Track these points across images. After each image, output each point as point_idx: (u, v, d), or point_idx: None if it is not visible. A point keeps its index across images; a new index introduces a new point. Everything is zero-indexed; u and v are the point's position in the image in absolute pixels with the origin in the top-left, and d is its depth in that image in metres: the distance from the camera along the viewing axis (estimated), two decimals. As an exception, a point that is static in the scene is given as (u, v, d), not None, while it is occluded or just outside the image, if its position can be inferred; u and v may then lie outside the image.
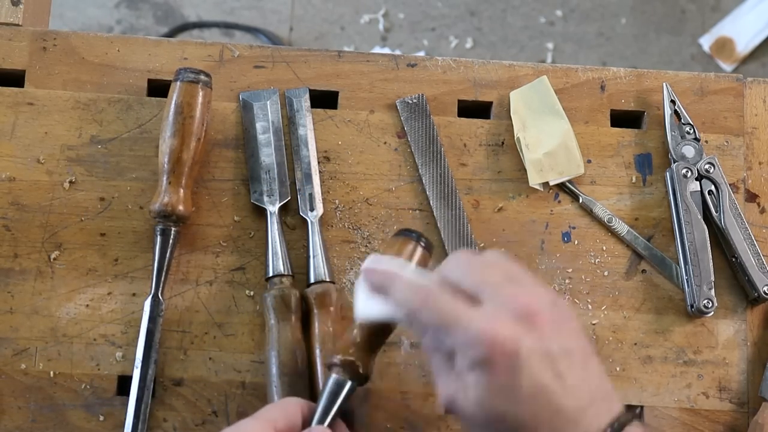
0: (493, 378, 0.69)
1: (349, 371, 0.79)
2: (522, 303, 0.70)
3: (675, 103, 0.95)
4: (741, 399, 0.91)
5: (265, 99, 0.96)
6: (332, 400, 0.78)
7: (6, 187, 0.93)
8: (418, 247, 0.82)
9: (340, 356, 0.79)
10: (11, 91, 0.95)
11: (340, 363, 0.79)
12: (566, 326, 0.72)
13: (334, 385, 0.78)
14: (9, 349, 0.90)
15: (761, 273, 0.91)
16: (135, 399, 0.87)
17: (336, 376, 0.79)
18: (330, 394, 0.78)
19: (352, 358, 0.79)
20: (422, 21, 2.16)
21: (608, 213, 0.94)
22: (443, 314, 0.71)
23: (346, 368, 0.79)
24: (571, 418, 0.69)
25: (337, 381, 0.78)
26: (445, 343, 0.72)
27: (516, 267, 0.74)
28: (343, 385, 0.78)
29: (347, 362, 0.78)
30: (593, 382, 0.71)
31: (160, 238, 0.90)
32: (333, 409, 0.78)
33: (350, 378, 0.79)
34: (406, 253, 0.82)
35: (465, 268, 0.74)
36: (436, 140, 0.96)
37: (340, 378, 0.78)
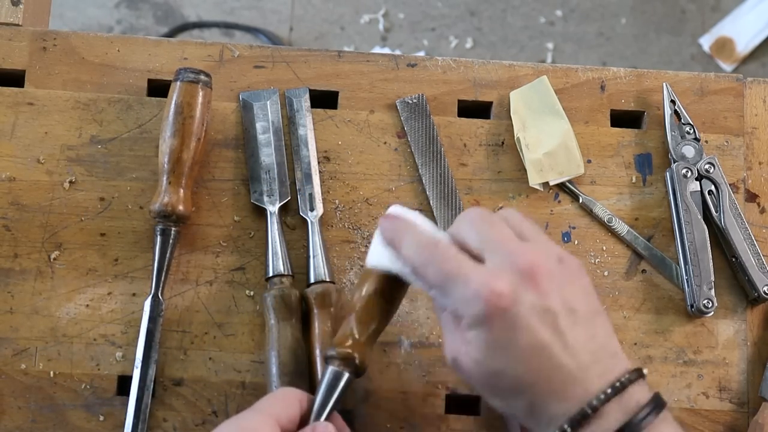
0: (491, 335, 0.69)
1: (347, 363, 0.79)
2: (525, 260, 0.70)
3: (675, 103, 0.96)
4: (741, 399, 0.91)
5: (265, 99, 0.96)
6: (330, 393, 0.78)
7: (6, 187, 0.93)
8: None
9: (337, 348, 0.79)
10: (11, 91, 0.95)
11: (338, 355, 0.79)
12: (572, 283, 0.71)
13: (331, 377, 0.78)
14: (9, 349, 0.90)
15: (761, 273, 0.91)
16: (135, 399, 0.87)
17: (333, 368, 0.79)
18: (328, 387, 0.78)
19: (349, 350, 0.79)
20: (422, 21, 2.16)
21: (608, 213, 0.94)
22: (446, 271, 0.71)
23: (344, 361, 0.79)
24: (571, 376, 0.69)
25: (335, 373, 0.78)
26: (448, 301, 0.71)
27: (527, 224, 0.74)
28: (340, 378, 0.78)
29: (344, 354, 0.79)
30: (598, 340, 0.70)
31: (160, 238, 0.90)
32: (331, 401, 0.78)
33: (348, 370, 0.79)
34: None
35: (474, 225, 0.73)
36: (436, 140, 0.96)
37: (337, 370, 0.78)
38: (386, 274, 0.79)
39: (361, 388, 0.90)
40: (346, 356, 0.79)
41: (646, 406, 0.70)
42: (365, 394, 0.90)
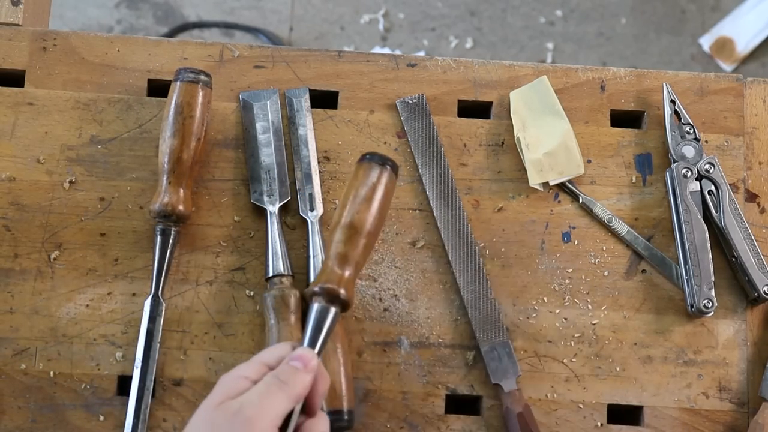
0: None
1: (333, 298, 0.79)
2: None
3: (675, 103, 0.95)
4: (741, 399, 0.91)
5: (265, 99, 0.96)
6: (318, 329, 0.78)
7: (6, 187, 0.93)
8: (384, 171, 0.83)
9: (322, 285, 0.79)
10: (11, 91, 0.95)
11: (321, 291, 0.79)
12: None
13: (317, 313, 0.78)
14: (9, 349, 0.90)
15: (761, 273, 0.91)
16: (135, 399, 0.87)
17: (319, 304, 0.79)
18: (315, 323, 0.78)
19: (333, 285, 0.79)
20: (422, 21, 2.16)
21: (608, 213, 0.94)
22: None
23: (328, 295, 0.79)
24: None
25: (321, 309, 0.79)
26: None
27: None
28: (327, 313, 0.78)
29: (328, 290, 0.79)
30: None
31: (160, 238, 0.90)
32: (320, 337, 0.78)
33: (334, 305, 0.79)
34: (373, 178, 0.83)
35: None
36: (436, 140, 0.96)
37: (324, 306, 0.79)
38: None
39: (361, 388, 0.90)
40: (330, 291, 0.79)
41: None
42: (365, 394, 0.90)
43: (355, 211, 0.82)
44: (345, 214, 0.82)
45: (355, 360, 0.91)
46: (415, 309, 0.92)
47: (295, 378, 0.74)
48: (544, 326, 0.92)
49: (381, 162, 0.84)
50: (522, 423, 0.87)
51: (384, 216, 0.84)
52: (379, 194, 0.83)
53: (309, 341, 0.77)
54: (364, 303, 0.92)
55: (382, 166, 0.84)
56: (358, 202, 0.82)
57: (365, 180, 0.83)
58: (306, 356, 0.75)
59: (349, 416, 0.86)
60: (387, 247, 0.93)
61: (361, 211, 0.82)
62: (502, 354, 0.90)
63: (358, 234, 0.81)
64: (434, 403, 0.90)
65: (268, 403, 0.72)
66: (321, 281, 0.80)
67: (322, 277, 0.80)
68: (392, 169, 0.84)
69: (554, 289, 0.93)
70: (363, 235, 0.82)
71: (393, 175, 0.84)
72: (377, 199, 0.83)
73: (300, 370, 0.75)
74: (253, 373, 0.75)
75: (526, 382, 0.91)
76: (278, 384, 0.73)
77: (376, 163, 0.84)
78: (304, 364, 0.75)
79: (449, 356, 0.91)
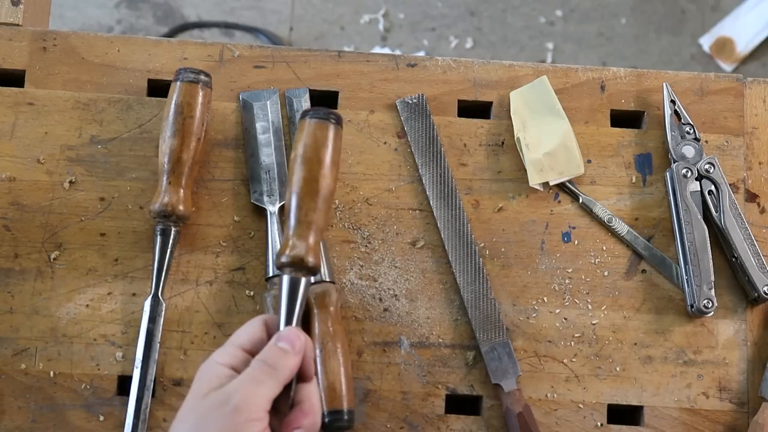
0: None
1: (300, 267, 0.79)
2: None
3: (675, 103, 0.95)
4: (741, 399, 0.91)
5: (265, 99, 0.96)
6: (292, 300, 0.78)
7: (6, 187, 0.93)
8: (330, 125, 0.82)
9: (285, 254, 0.79)
10: (11, 91, 0.95)
11: (289, 261, 0.79)
12: None
13: (289, 285, 0.79)
14: (9, 349, 0.90)
15: (761, 273, 0.91)
16: (135, 399, 0.87)
17: (288, 276, 0.79)
18: (288, 294, 0.78)
19: (299, 252, 0.79)
20: (422, 21, 2.16)
21: (608, 213, 0.94)
22: None
23: (296, 265, 0.79)
24: None
25: (291, 280, 0.79)
26: None
27: None
28: (298, 283, 0.79)
29: (295, 258, 0.79)
30: None
31: (160, 238, 0.90)
32: (296, 308, 0.78)
33: (302, 273, 0.79)
34: (319, 132, 0.81)
35: None
36: (436, 140, 0.96)
37: (293, 277, 0.79)
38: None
39: (361, 388, 0.90)
40: (298, 259, 0.79)
41: None
42: (365, 394, 0.90)
43: (304, 172, 0.81)
44: (294, 178, 0.81)
45: (355, 360, 0.91)
46: (415, 309, 0.92)
47: (284, 361, 0.74)
48: (544, 326, 0.92)
49: (324, 116, 0.82)
50: (522, 423, 0.87)
51: (335, 172, 0.83)
52: (327, 151, 0.81)
53: (286, 315, 0.77)
54: (364, 303, 0.92)
55: (325, 120, 0.82)
56: (306, 163, 0.81)
57: (310, 138, 0.81)
58: (292, 337, 0.75)
59: (349, 416, 0.86)
60: (387, 247, 0.93)
61: (311, 171, 0.81)
62: (502, 354, 0.90)
63: (311, 196, 0.81)
64: (434, 403, 0.90)
65: (256, 390, 0.72)
66: (285, 251, 0.79)
67: (285, 248, 0.80)
68: (336, 122, 0.82)
69: (554, 289, 0.93)
70: (317, 197, 0.81)
71: (339, 128, 0.83)
72: (326, 156, 0.81)
73: (288, 352, 0.75)
74: (231, 359, 0.75)
75: (526, 382, 0.91)
76: (266, 369, 0.73)
77: (319, 117, 0.82)
78: (291, 346, 0.75)
79: (449, 356, 0.91)
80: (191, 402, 0.73)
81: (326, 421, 0.86)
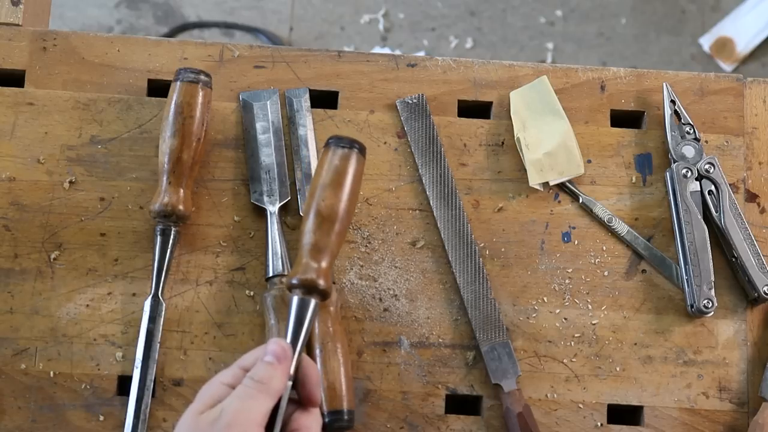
0: None
1: (310, 289, 0.79)
2: None
3: (675, 103, 0.95)
4: (741, 399, 0.91)
5: (265, 99, 0.96)
6: (299, 322, 0.78)
7: (6, 187, 0.93)
8: (351, 154, 0.83)
9: (300, 276, 0.79)
10: (11, 91, 0.95)
11: (299, 283, 0.79)
12: None
13: (297, 306, 0.78)
14: (9, 349, 0.90)
15: (761, 273, 0.91)
16: (135, 399, 0.87)
17: (297, 297, 0.79)
18: (296, 316, 0.78)
19: (311, 276, 0.79)
20: (422, 21, 2.16)
21: (608, 213, 0.94)
22: None
23: (306, 287, 0.79)
24: None
25: (300, 301, 0.79)
26: None
27: None
28: (307, 305, 0.78)
29: (306, 281, 0.79)
30: None
31: (160, 238, 0.90)
32: (302, 330, 0.78)
33: (313, 296, 0.79)
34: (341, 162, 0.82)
35: None
36: (436, 140, 0.96)
37: (303, 298, 0.79)
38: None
39: (361, 388, 0.90)
40: (309, 283, 0.79)
41: None
42: (365, 394, 0.90)
43: (324, 198, 0.81)
44: (314, 203, 0.82)
45: (355, 360, 0.91)
46: (415, 309, 0.92)
47: (271, 374, 0.74)
48: (544, 326, 0.92)
49: (348, 145, 0.83)
50: (522, 423, 0.87)
51: (355, 200, 0.83)
52: (348, 179, 0.82)
53: (292, 336, 0.77)
54: (364, 303, 0.92)
55: (349, 149, 0.83)
56: (326, 189, 0.82)
57: (332, 165, 0.82)
58: (277, 349, 0.75)
59: (349, 416, 0.86)
60: (387, 247, 0.93)
61: (331, 198, 0.81)
62: (502, 354, 0.90)
63: (329, 222, 0.81)
64: (434, 403, 0.90)
65: (246, 405, 0.72)
66: (297, 273, 0.79)
67: (298, 269, 0.80)
68: (360, 151, 0.83)
69: (554, 289, 0.93)
70: (334, 223, 0.81)
71: (361, 158, 0.83)
72: (346, 184, 0.82)
73: (274, 364, 0.74)
74: (231, 378, 0.75)
75: (526, 382, 0.91)
76: (254, 384, 0.73)
77: (343, 146, 0.83)
78: (276, 359, 0.75)
79: (449, 356, 0.91)
80: (189, 418, 0.73)
81: (326, 421, 0.86)
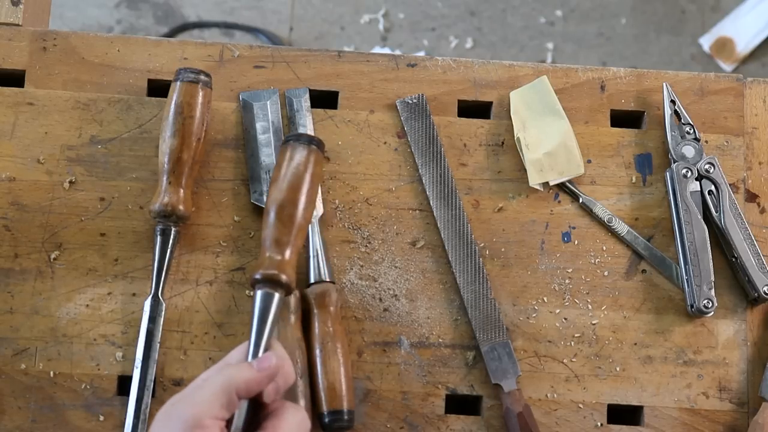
0: None
1: (273, 283, 0.80)
2: None
3: (675, 103, 0.95)
4: (741, 399, 0.91)
5: (265, 99, 0.96)
6: (263, 318, 0.78)
7: (6, 187, 0.93)
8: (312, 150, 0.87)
9: (261, 270, 0.80)
10: (11, 91, 0.95)
11: (262, 278, 0.80)
12: None
13: (262, 301, 0.79)
14: (9, 349, 0.90)
15: (761, 273, 0.91)
16: (135, 399, 0.87)
17: (262, 291, 0.79)
18: (261, 311, 0.79)
19: (273, 270, 0.80)
20: (422, 21, 2.16)
21: (608, 213, 0.94)
22: None
23: (270, 281, 0.80)
24: None
25: (265, 295, 0.79)
26: None
27: None
28: (271, 299, 0.79)
29: (269, 275, 0.80)
30: None
31: (160, 238, 0.90)
32: (267, 325, 0.78)
33: (278, 290, 0.80)
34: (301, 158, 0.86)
35: None
36: (436, 140, 0.96)
37: (267, 292, 0.79)
38: None
39: (361, 388, 0.90)
40: (273, 277, 0.80)
41: None
42: (365, 394, 0.90)
43: (283, 192, 0.84)
44: (273, 197, 0.84)
45: (355, 360, 0.91)
46: (415, 309, 0.92)
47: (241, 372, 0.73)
48: (544, 326, 0.92)
49: (306, 142, 0.86)
50: (522, 423, 0.87)
51: (314, 194, 0.86)
52: (307, 173, 0.85)
53: (256, 332, 0.77)
54: (364, 303, 0.92)
55: (307, 145, 0.86)
56: (285, 184, 0.84)
57: (290, 161, 0.85)
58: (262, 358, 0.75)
59: (349, 416, 0.86)
60: (387, 247, 0.93)
61: (290, 191, 0.84)
62: (502, 354, 0.90)
63: (289, 216, 0.83)
64: (434, 403, 0.90)
65: (198, 399, 0.72)
66: (261, 267, 0.81)
67: (261, 264, 0.81)
68: (318, 147, 0.87)
69: (554, 289, 0.93)
70: (295, 216, 0.83)
71: (319, 153, 0.87)
72: (306, 179, 0.85)
73: (250, 366, 0.74)
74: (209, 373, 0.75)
75: (526, 382, 0.91)
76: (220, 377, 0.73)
77: (301, 143, 0.86)
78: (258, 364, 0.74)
79: (449, 356, 0.91)
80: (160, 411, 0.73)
81: (326, 421, 0.86)
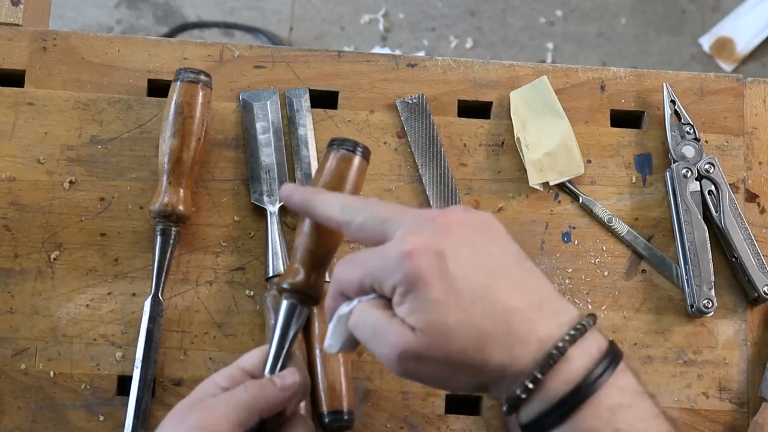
0: (428, 292, 0.63)
1: (302, 296, 0.78)
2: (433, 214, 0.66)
3: (675, 103, 0.95)
4: (741, 399, 0.91)
5: (265, 99, 0.96)
6: (287, 327, 0.77)
7: (6, 187, 0.93)
8: (355, 157, 0.80)
9: (290, 280, 0.78)
10: (11, 91, 0.95)
11: (291, 288, 0.77)
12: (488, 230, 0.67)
13: (287, 310, 0.78)
14: (9, 349, 0.90)
15: (761, 273, 0.91)
16: (135, 399, 0.87)
17: (288, 301, 0.78)
18: (285, 320, 0.78)
19: (303, 282, 0.78)
20: (422, 21, 2.16)
21: (608, 213, 0.94)
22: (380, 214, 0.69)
23: (298, 293, 0.78)
24: (525, 317, 0.63)
25: (290, 306, 0.78)
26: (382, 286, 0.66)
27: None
28: (295, 310, 0.78)
29: (298, 286, 0.77)
30: (537, 280, 0.66)
31: (160, 238, 0.90)
32: (289, 336, 0.77)
33: (303, 303, 0.78)
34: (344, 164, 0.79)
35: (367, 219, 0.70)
36: (436, 140, 0.96)
37: (293, 303, 0.78)
38: None
39: (361, 388, 0.90)
40: (301, 288, 0.77)
41: (607, 352, 0.65)
42: (365, 394, 0.90)
43: None
44: None
45: (355, 360, 0.91)
46: (415, 309, 0.92)
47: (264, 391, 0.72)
48: (544, 326, 0.92)
49: (351, 148, 0.80)
50: (522, 423, 0.87)
51: None
52: (348, 183, 0.79)
53: (278, 341, 0.77)
54: (364, 303, 0.92)
55: (351, 152, 0.80)
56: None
57: (332, 167, 0.79)
58: (285, 374, 0.74)
59: (349, 416, 0.86)
60: (387, 247, 0.93)
61: None
62: (502, 354, 0.90)
63: (327, 231, 0.79)
64: (434, 403, 0.90)
65: (218, 411, 0.71)
66: (289, 277, 0.78)
67: (290, 273, 0.78)
68: (363, 155, 0.80)
69: (555, 287, 0.93)
70: (333, 233, 0.79)
71: (363, 162, 0.80)
72: (346, 188, 0.79)
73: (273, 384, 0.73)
74: (226, 377, 0.74)
75: (526, 382, 0.91)
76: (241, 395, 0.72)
77: (346, 149, 0.80)
78: (282, 381, 0.74)
79: (449, 356, 0.91)
80: (170, 413, 0.73)
81: (326, 421, 0.86)
